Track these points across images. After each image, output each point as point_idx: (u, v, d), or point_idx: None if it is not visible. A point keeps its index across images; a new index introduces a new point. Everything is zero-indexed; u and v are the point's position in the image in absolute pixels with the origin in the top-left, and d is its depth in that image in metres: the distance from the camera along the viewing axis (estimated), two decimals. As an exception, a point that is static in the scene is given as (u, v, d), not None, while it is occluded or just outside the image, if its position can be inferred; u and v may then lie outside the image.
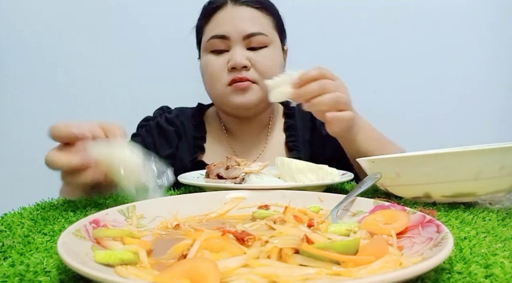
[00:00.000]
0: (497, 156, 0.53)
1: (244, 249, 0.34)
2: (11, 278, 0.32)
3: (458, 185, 0.55)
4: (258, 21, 0.98)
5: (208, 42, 0.98)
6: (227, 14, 0.97)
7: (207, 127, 1.11)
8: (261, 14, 0.99)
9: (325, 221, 0.45)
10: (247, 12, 0.97)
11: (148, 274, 0.30)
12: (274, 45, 1.00)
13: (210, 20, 1.00)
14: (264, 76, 0.94)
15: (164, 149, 1.04)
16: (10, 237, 0.43)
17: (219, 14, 0.98)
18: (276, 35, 1.02)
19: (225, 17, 0.97)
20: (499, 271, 0.32)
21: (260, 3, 1.00)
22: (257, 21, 0.98)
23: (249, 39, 0.95)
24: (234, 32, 0.95)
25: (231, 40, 0.95)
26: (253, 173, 0.71)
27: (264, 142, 1.10)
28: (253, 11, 0.98)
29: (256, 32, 0.96)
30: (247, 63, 0.95)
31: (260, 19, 0.98)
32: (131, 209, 0.47)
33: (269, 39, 0.98)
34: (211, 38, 0.97)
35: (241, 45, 0.96)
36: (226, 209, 0.53)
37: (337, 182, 0.69)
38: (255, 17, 0.98)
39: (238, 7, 0.98)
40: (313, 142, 1.08)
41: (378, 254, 0.32)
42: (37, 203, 0.62)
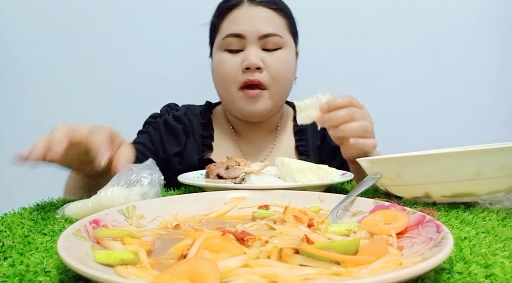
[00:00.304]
0: (497, 156, 0.53)
1: (244, 249, 0.34)
2: (11, 278, 0.32)
3: (458, 185, 0.55)
4: (274, 22, 0.98)
5: (223, 40, 0.98)
6: (243, 13, 0.97)
7: (214, 125, 1.11)
8: (276, 15, 0.99)
9: (325, 221, 0.45)
10: (264, 13, 0.98)
11: (148, 274, 0.30)
12: (288, 47, 1.00)
13: (226, 18, 0.99)
14: (276, 80, 0.97)
15: (172, 147, 1.04)
16: (10, 237, 0.43)
17: (235, 12, 0.98)
18: (290, 37, 1.02)
19: (241, 16, 0.97)
20: (499, 271, 0.32)
21: (276, 4, 1.00)
22: (273, 22, 0.98)
23: (264, 40, 0.96)
24: (250, 32, 0.95)
25: (247, 40, 0.96)
26: (253, 173, 0.71)
27: (272, 144, 1.10)
28: (269, 11, 0.98)
29: (272, 33, 0.96)
30: (261, 64, 0.95)
31: (276, 20, 0.99)
32: (131, 209, 0.47)
33: (283, 41, 0.98)
34: (226, 36, 0.97)
35: (256, 45, 0.96)
36: (226, 209, 0.53)
37: (337, 182, 0.69)
38: (271, 18, 0.98)
39: (255, 7, 0.98)
40: (322, 149, 1.09)
41: (378, 254, 0.32)
42: (37, 203, 0.62)
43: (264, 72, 0.96)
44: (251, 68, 0.94)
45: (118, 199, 0.53)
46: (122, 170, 0.60)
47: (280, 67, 0.97)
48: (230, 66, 0.96)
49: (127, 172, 0.59)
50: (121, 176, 0.58)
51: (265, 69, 0.96)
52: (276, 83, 0.97)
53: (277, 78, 0.97)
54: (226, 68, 0.97)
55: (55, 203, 0.63)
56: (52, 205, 0.61)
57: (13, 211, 0.56)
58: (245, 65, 0.94)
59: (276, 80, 0.97)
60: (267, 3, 0.98)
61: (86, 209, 0.53)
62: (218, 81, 1.02)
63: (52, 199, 0.66)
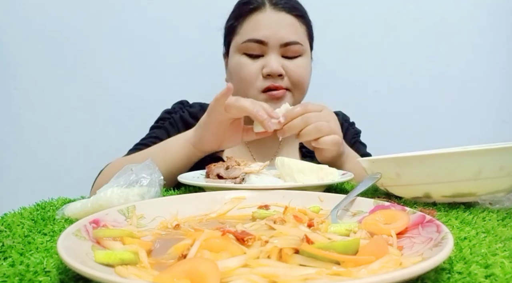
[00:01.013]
0: (497, 156, 0.53)
1: (244, 249, 0.34)
2: (11, 278, 0.32)
3: (458, 185, 0.55)
4: (296, 29, 0.98)
5: (243, 43, 0.97)
6: (266, 18, 0.96)
7: None
8: (298, 22, 0.99)
9: (325, 221, 0.45)
10: (287, 19, 0.97)
11: (148, 274, 0.30)
12: (307, 54, 1.01)
13: (246, 20, 0.98)
14: (296, 85, 0.98)
15: None
16: (10, 237, 0.43)
17: (257, 16, 0.97)
18: (308, 44, 1.02)
19: (264, 20, 0.96)
20: (499, 271, 0.32)
21: (298, 10, 1.00)
22: (295, 30, 0.98)
23: (286, 47, 0.96)
24: (273, 38, 0.95)
25: (268, 46, 0.95)
26: (253, 173, 0.71)
27: (278, 144, 1.10)
28: (292, 18, 0.97)
29: (294, 41, 0.96)
30: (282, 71, 0.95)
31: (298, 28, 0.98)
32: (131, 209, 0.47)
33: (303, 48, 0.98)
34: (247, 41, 0.96)
35: (277, 52, 0.96)
36: (226, 209, 0.53)
37: (337, 182, 0.69)
38: (293, 25, 0.97)
39: (277, 12, 0.96)
40: None
41: (378, 254, 0.32)
42: (37, 203, 0.62)
43: (285, 78, 0.96)
44: (273, 76, 0.95)
45: (118, 200, 0.53)
46: (122, 170, 0.60)
47: (301, 73, 0.98)
48: (251, 72, 0.96)
49: (126, 172, 0.59)
50: (120, 176, 0.58)
51: (285, 75, 0.96)
52: (297, 89, 0.99)
53: (297, 84, 0.98)
54: (245, 73, 0.97)
55: (55, 203, 0.63)
56: (52, 205, 0.61)
57: (13, 211, 0.56)
58: (266, 72, 0.94)
59: (296, 86, 0.98)
60: (290, 9, 0.98)
61: (85, 210, 0.53)
62: (237, 84, 1.00)
63: (52, 199, 0.66)
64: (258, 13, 0.97)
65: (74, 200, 0.64)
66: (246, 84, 0.97)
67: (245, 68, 0.97)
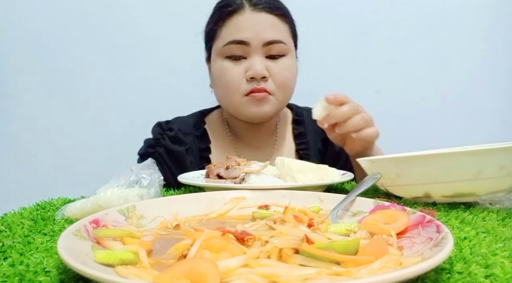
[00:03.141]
0: (497, 156, 0.53)
1: (244, 249, 0.34)
2: (11, 278, 0.32)
3: (458, 185, 0.55)
4: (279, 28, 0.96)
5: (225, 47, 0.94)
6: (247, 19, 0.94)
7: (211, 135, 1.08)
8: (280, 22, 0.96)
9: (325, 221, 0.45)
10: (268, 19, 0.94)
11: (148, 274, 0.30)
12: (291, 54, 0.99)
13: (226, 23, 0.95)
14: (282, 88, 0.96)
15: (178, 171, 0.97)
16: (10, 237, 0.43)
17: (237, 18, 0.94)
18: (292, 43, 1.00)
19: (244, 22, 0.94)
20: (499, 271, 0.32)
21: (279, 9, 0.97)
22: (278, 29, 0.95)
23: (268, 47, 0.93)
24: (255, 39, 0.92)
25: (251, 47, 0.93)
26: (253, 173, 0.71)
27: (272, 148, 1.08)
28: (273, 17, 0.95)
29: (277, 40, 0.94)
30: (266, 73, 0.93)
31: (280, 27, 0.96)
32: (131, 209, 0.47)
33: (287, 48, 0.96)
34: (228, 43, 0.94)
35: (260, 53, 0.94)
36: (226, 209, 0.53)
37: (337, 182, 0.69)
38: (275, 24, 0.95)
39: (258, 13, 0.94)
40: (325, 153, 1.08)
41: (378, 254, 0.32)
42: (37, 203, 0.62)
43: (269, 80, 0.94)
44: (257, 78, 0.92)
45: (117, 200, 0.53)
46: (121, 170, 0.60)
47: (285, 75, 0.96)
48: (234, 76, 0.94)
49: (126, 172, 0.59)
50: (120, 176, 0.58)
51: (270, 77, 0.94)
52: (282, 90, 0.96)
53: (282, 86, 0.96)
54: (229, 78, 0.94)
55: (55, 203, 0.63)
56: (52, 205, 0.61)
57: (13, 211, 0.56)
58: (249, 75, 0.92)
59: (281, 88, 0.96)
60: (270, 8, 0.95)
61: (85, 210, 0.53)
62: (220, 89, 0.99)
63: (52, 199, 0.66)
64: (237, 15, 0.94)
65: (74, 200, 0.64)
66: (230, 88, 0.95)
67: (228, 72, 0.94)
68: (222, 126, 1.10)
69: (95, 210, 0.50)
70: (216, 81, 1.00)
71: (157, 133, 1.07)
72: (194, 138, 1.06)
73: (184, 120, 1.10)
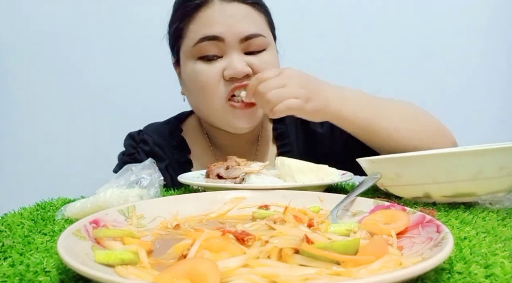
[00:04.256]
0: (497, 156, 0.53)
1: (244, 249, 0.34)
2: (11, 278, 0.32)
3: (458, 185, 0.55)
4: (254, 19, 0.84)
5: (195, 46, 0.82)
6: (216, 11, 0.82)
7: (190, 144, 0.97)
8: (255, 11, 0.85)
9: (325, 221, 0.45)
10: (241, 10, 0.83)
11: (148, 274, 0.30)
12: (271, 46, 0.88)
13: (193, 19, 0.83)
14: None
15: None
16: (10, 237, 0.43)
17: (206, 12, 0.82)
18: (270, 34, 0.89)
19: (214, 15, 0.81)
20: (499, 271, 0.32)
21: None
22: (253, 20, 0.84)
23: (247, 42, 0.82)
24: (230, 34, 0.81)
25: (226, 43, 0.81)
26: (253, 173, 0.70)
27: (254, 155, 0.97)
28: (247, 7, 0.83)
29: (256, 34, 0.82)
30: (249, 70, 0.82)
31: (256, 17, 0.85)
32: (131, 209, 0.47)
33: (267, 41, 0.85)
34: (199, 41, 0.81)
35: (238, 50, 0.82)
36: (226, 209, 0.53)
37: (337, 182, 0.69)
38: (250, 15, 0.84)
39: (228, 4, 0.82)
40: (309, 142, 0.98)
41: (378, 254, 0.32)
42: (37, 203, 0.62)
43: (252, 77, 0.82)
44: (238, 77, 0.81)
45: (117, 200, 0.53)
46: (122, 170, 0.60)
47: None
48: (209, 78, 0.82)
49: (126, 172, 0.59)
50: (120, 176, 0.58)
51: (252, 75, 0.82)
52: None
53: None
54: (204, 81, 0.82)
55: (55, 203, 0.63)
56: (52, 205, 0.61)
57: (13, 211, 0.56)
58: (229, 74, 0.81)
59: None
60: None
61: (85, 210, 0.53)
62: (194, 96, 0.88)
63: (52, 199, 0.66)
64: (205, 9, 0.82)
65: (74, 200, 0.64)
66: (206, 94, 0.83)
67: (203, 74, 0.82)
68: (201, 133, 1.00)
69: (95, 210, 0.50)
70: (189, 87, 0.88)
71: (130, 147, 0.96)
72: (171, 149, 0.95)
73: (157, 129, 0.99)
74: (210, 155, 0.98)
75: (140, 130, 1.01)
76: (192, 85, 0.86)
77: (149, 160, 0.63)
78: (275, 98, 0.70)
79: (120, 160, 0.95)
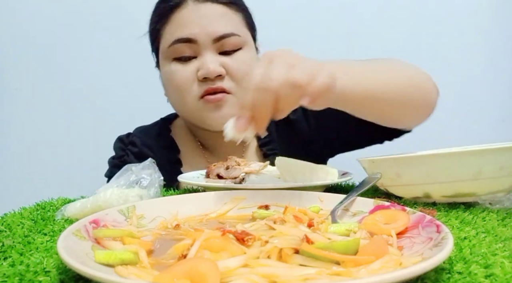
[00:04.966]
0: (497, 156, 0.53)
1: (244, 249, 0.34)
2: (11, 278, 0.32)
3: (458, 185, 0.55)
4: (229, 19, 0.84)
5: (170, 47, 0.83)
6: (190, 12, 0.82)
7: (178, 144, 0.97)
8: (230, 11, 0.85)
9: (325, 221, 0.45)
10: (215, 9, 0.83)
11: (148, 274, 0.30)
12: (249, 46, 0.87)
13: (169, 21, 0.84)
14: (241, 84, 0.78)
15: None
16: (10, 237, 0.43)
17: (180, 13, 0.83)
18: (248, 33, 0.88)
19: (188, 16, 0.82)
20: (499, 271, 0.32)
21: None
22: (228, 20, 0.84)
23: (221, 42, 0.82)
24: (203, 34, 0.81)
25: (199, 44, 0.82)
26: (253, 173, 0.70)
27: (240, 155, 0.93)
28: (221, 7, 0.83)
29: (229, 33, 0.82)
30: (222, 71, 0.81)
31: (231, 17, 0.84)
32: (131, 209, 0.47)
33: (243, 39, 0.85)
34: (174, 43, 0.82)
35: (211, 50, 0.82)
36: (226, 209, 0.53)
37: (337, 182, 0.69)
38: (225, 15, 0.83)
39: (202, 4, 0.82)
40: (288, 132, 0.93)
41: (378, 254, 0.32)
42: (37, 203, 0.62)
43: (226, 78, 0.82)
44: (210, 77, 0.81)
45: (117, 200, 0.53)
46: (122, 170, 0.60)
47: (245, 68, 0.83)
48: (183, 78, 0.83)
49: (126, 172, 0.59)
50: (120, 176, 0.58)
51: (226, 74, 0.82)
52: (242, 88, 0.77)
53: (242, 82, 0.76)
54: (178, 81, 0.83)
55: (55, 203, 0.63)
56: (52, 205, 0.61)
57: (13, 211, 0.56)
58: (202, 74, 0.81)
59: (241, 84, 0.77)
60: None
61: (85, 210, 0.53)
62: (172, 96, 0.89)
63: (52, 199, 0.66)
64: (180, 10, 0.83)
65: (74, 200, 0.64)
66: (182, 93, 0.84)
67: (177, 75, 0.83)
68: (190, 133, 0.99)
69: (95, 210, 0.50)
70: (167, 87, 0.90)
71: (120, 150, 0.97)
72: (161, 149, 0.94)
73: (146, 130, 1.00)
74: (199, 155, 0.97)
75: (129, 132, 1.02)
76: (169, 85, 0.88)
77: (149, 160, 0.63)
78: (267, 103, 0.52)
79: (110, 164, 0.96)
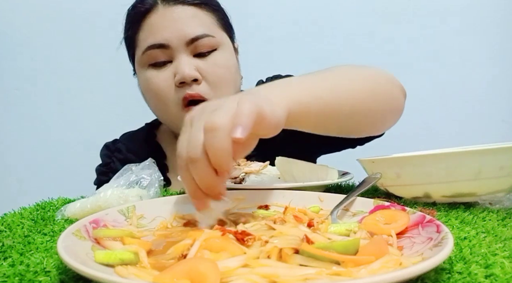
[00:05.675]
0: (497, 156, 0.53)
1: (244, 249, 0.34)
2: (11, 278, 0.32)
3: (458, 185, 0.55)
4: (201, 20, 0.82)
5: (144, 54, 0.81)
6: (161, 17, 0.81)
7: (164, 148, 0.96)
8: (201, 12, 0.83)
9: (325, 221, 0.45)
10: (185, 12, 0.81)
11: (148, 274, 0.30)
12: (224, 46, 0.85)
13: (141, 27, 0.83)
14: (218, 87, 0.82)
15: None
16: (10, 237, 0.43)
17: (151, 18, 0.82)
18: (223, 33, 0.86)
19: (158, 21, 0.81)
20: (499, 271, 0.32)
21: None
22: (199, 21, 0.82)
23: (194, 44, 0.80)
24: (175, 38, 0.79)
25: (173, 48, 0.80)
26: (253, 173, 0.70)
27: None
28: (191, 9, 0.82)
29: (201, 35, 0.80)
30: (197, 75, 0.79)
31: (203, 18, 0.83)
32: (131, 209, 0.47)
33: (217, 40, 0.83)
34: (147, 49, 0.81)
35: (185, 53, 0.80)
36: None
37: (337, 182, 0.69)
38: (195, 16, 0.82)
39: (171, 7, 0.81)
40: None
41: (378, 254, 0.32)
42: (37, 203, 0.62)
43: (202, 82, 0.81)
44: (187, 82, 0.79)
45: (117, 200, 0.53)
46: (122, 170, 0.60)
47: (219, 72, 0.82)
48: (160, 84, 0.81)
49: (126, 172, 0.59)
50: (120, 176, 0.59)
51: (202, 79, 0.81)
52: (219, 91, 0.81)
53: (219, 86, 0.82)
54: (155, 87, 0.82)
55: (55, 203, 0.63)
56: (52, 205, 0.61)
57: (13, 211, 0.56)
58: (178, 79, 0.79)
59: (218, 88, 0.82)
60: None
61: (85, 210, 0.53)
62: (152, 103, 0.87)
63: (52, 199, 0.66)
64: (150, 15, 0.82)
65: (74, 200, 0.64)
66: (161, 100, 0.82)
67: (153, 81, 0.81)
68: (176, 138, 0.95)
69: (95, 210, 0.50)
70: (145, 94, 0.88)
71: (106, 157, 0.96)
72: (146, 155, 0.88)
73: (132, 136, 1.00)
74: None
75: (116, 139, 1.02)
76: (147, 92, 0.86)
77: (149, 160, 0.63)
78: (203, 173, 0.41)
79: (97, 171, 0.95)
